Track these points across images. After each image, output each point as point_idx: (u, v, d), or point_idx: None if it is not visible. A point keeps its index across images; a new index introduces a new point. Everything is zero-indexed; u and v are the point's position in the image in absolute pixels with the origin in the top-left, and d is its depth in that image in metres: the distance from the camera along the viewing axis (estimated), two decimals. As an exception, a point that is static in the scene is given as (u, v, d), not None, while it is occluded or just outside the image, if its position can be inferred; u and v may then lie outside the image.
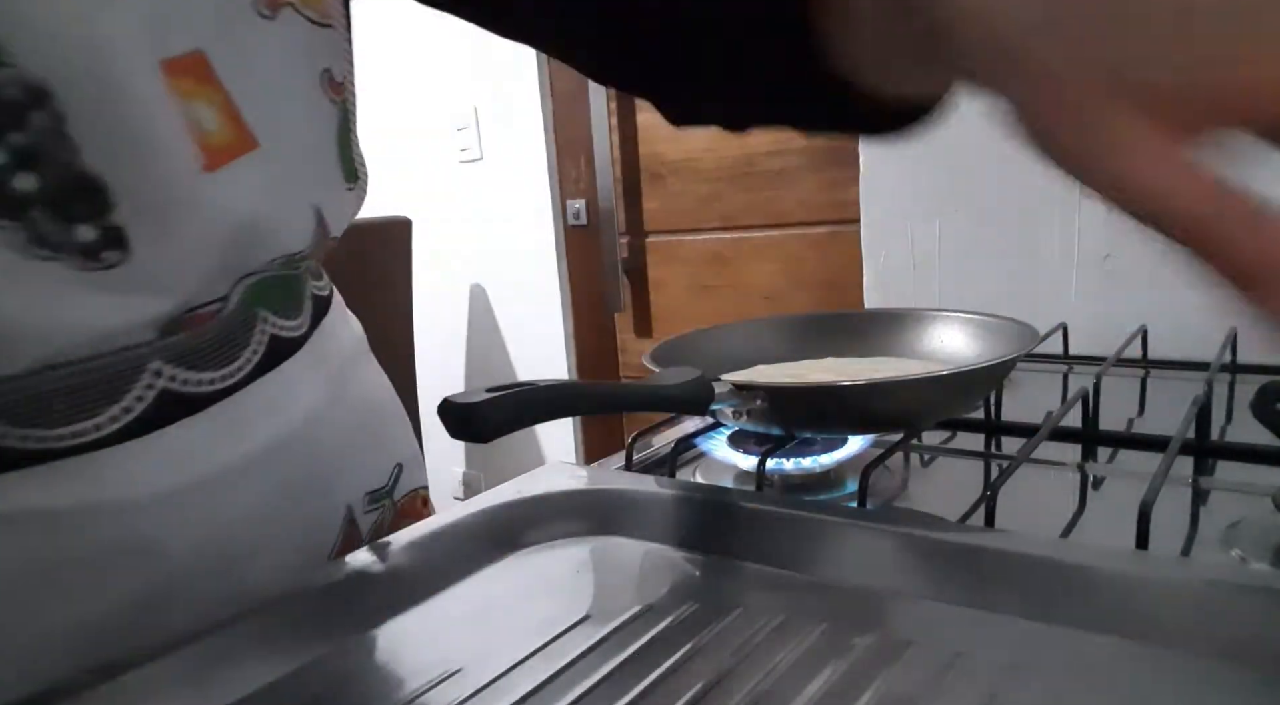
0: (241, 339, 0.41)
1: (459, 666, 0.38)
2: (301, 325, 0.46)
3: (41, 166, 0.33)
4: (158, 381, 0.38)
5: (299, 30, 0.40)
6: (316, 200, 0.43)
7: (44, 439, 0.35)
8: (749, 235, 1.60)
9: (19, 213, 0.32)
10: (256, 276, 0.41)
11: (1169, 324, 0.83)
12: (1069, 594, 0.39)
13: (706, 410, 0.52)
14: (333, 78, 0.43)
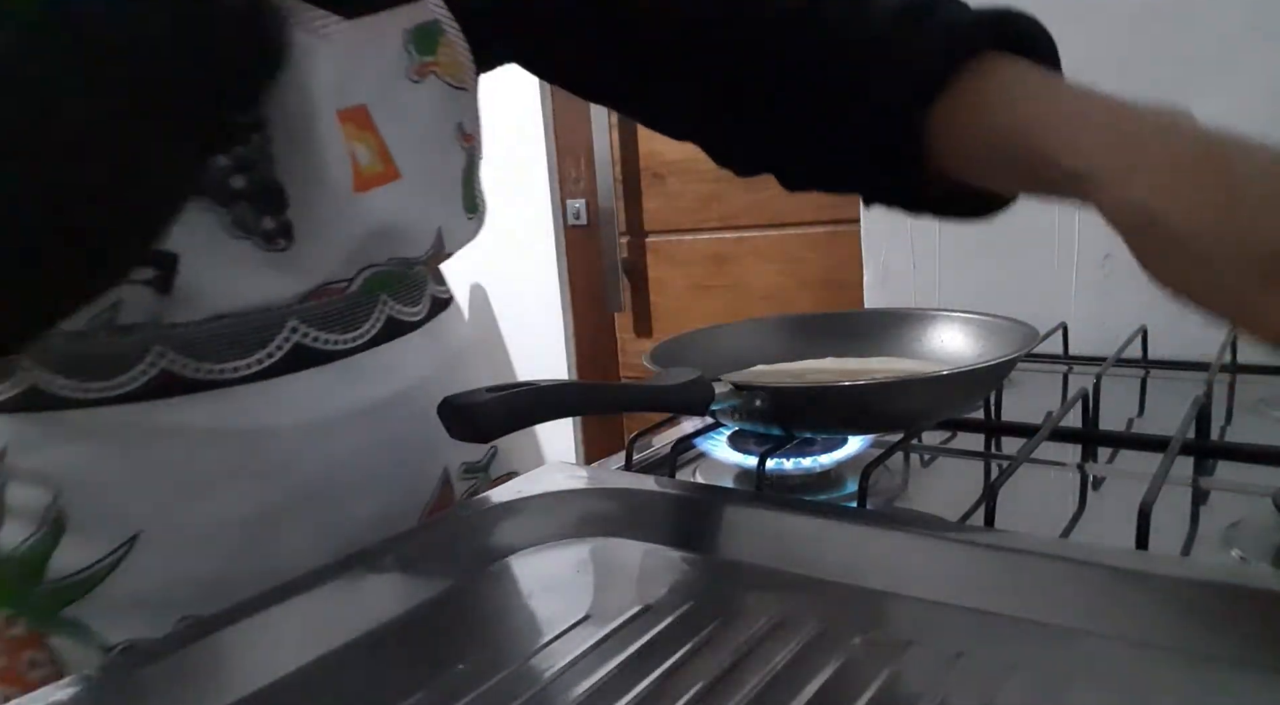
0: (364, 313, 0.52)
1: (459, 665, 0.38)
2: (420, 313, 0.56)
3: (250, 172, 0.45)
4: (294, 336, 0.49)
5: (440, 92, 0.53)
6: (440, 223, 0.54)
7: (210, 371, 0.47)
8: (749, 235, 1.60)
9: (230, 203, 0.45)
10: (376, 269, 0.52)
11: (1169, 324, 0.83)
12: (1069, 594, 0.39)
13: (706, 410, 0.52)
14: (464, 129, 0.55)
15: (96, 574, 0.48)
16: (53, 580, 0.48)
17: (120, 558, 0.48)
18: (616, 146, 1.76)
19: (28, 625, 0.49)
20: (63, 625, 0.48)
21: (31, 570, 0.48)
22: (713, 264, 1.67)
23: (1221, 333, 0.76)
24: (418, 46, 0.52)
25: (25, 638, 0.49)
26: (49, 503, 0.48)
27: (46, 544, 0.48)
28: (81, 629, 0.48)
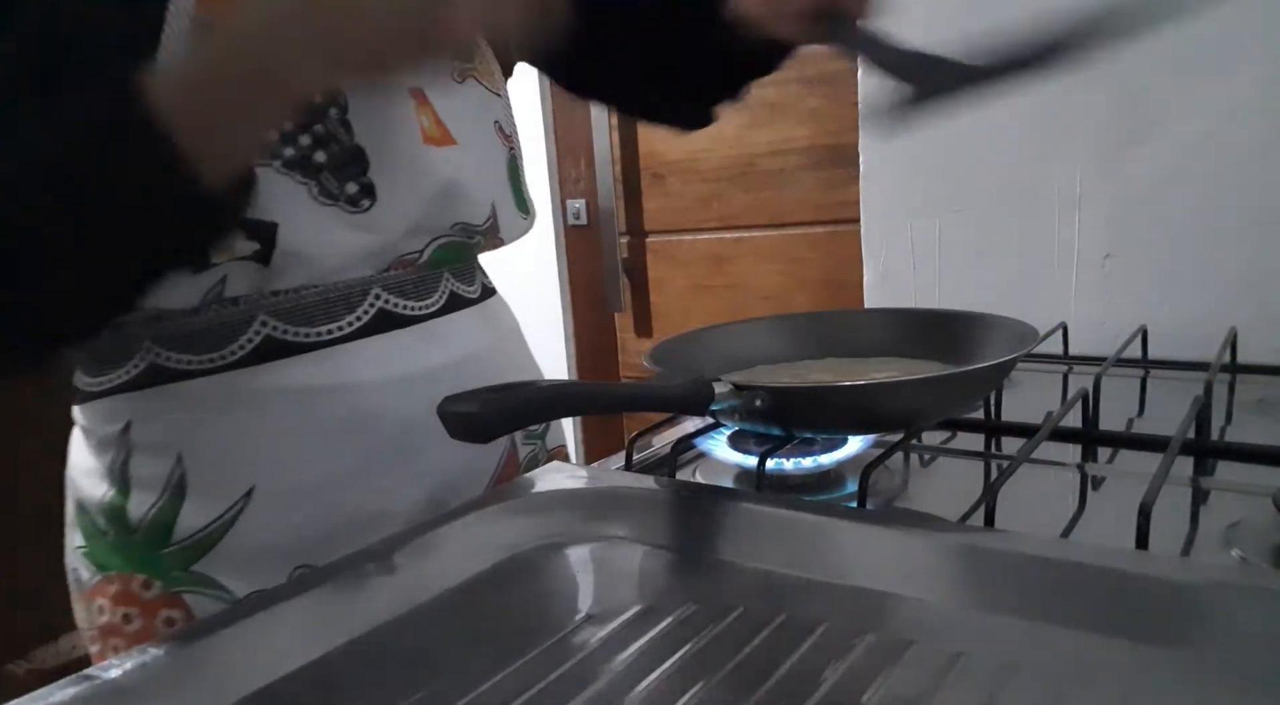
0: (432, 285, 0.60)
1: (460, 666, 0.38)
2: (475, 292, 0.64)
3: (330, 145, 0.52)
4: (377, 302, 0.56)
5: (479, 92, 0.62)
6: (493, 199, 0.61)
7: (307, 334, 0.54)
8: (749, 235, 1.60)
9: (314, 175, 0.52)
10: (442, 240, 0.59)
11: (1169, 324, 0.83)
12: (1069, 594, 0.39)
13: (707, 410, 0.52)
14: (502, 128, 0.63)
15: (218, 530, 0.54)
16: (179, 540, 0.54)
17: (239, 512, 0.54)
18: (616, 146, 1.76)
19: (163, 586, 0.54)
20: (193, 582, 0.54)
21: (160, 534, 0.54)
22: (713, 264, 1.67)
23: (1222, 333, 0.76)
24: (457, 54, 0.61)
25: (161, 598, 0.54)
26: (171, 469, 0.54)
27: (172, 507, 0.54)
28: (212, 585, 0.54)
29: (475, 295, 0.64)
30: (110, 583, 0.56)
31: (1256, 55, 0.83)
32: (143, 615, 0.55)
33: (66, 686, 0.35)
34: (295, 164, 0.51)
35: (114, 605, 0.55)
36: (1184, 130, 0.87)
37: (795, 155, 1.52)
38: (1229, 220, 0.86)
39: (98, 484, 0.56)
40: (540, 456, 0.68)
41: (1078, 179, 0.93)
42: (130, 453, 0.54)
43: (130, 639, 0.55)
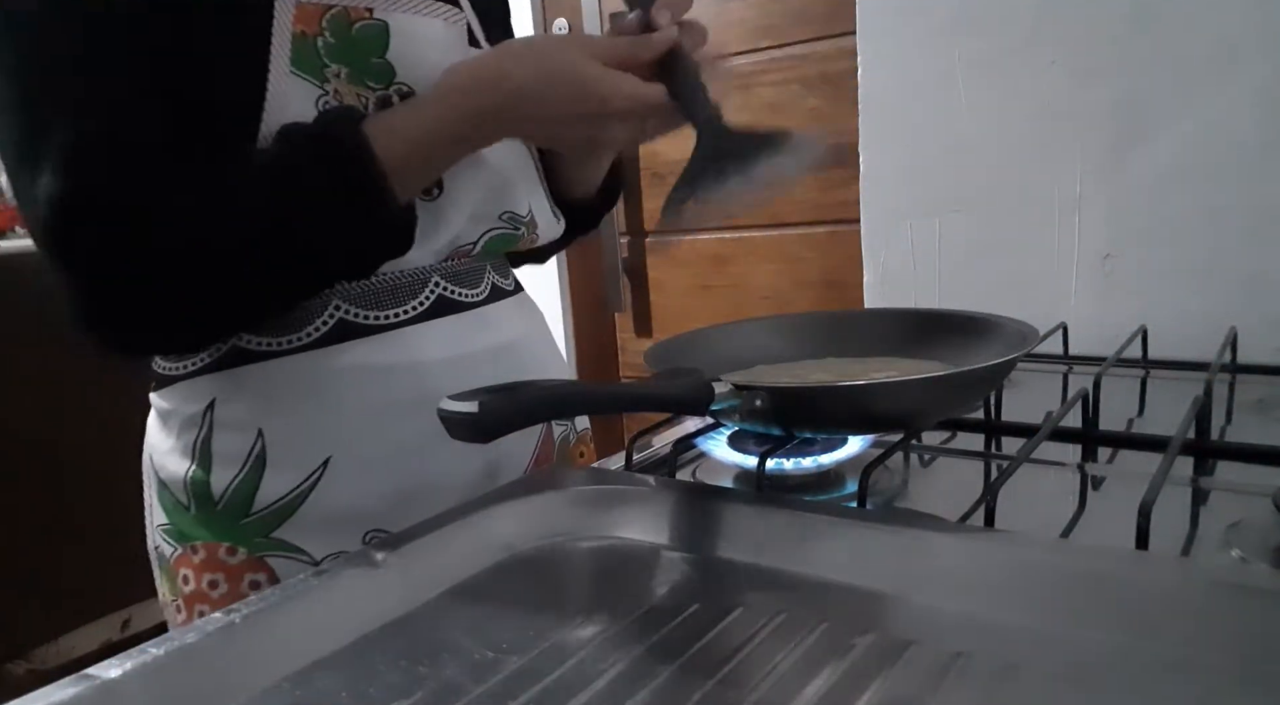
0: (479, 275, 0.67)
1: (460, 666, 0.38)
2: (510, 285, 0.72)
3: None
4: (437, 288, 0.64)
5: None
6: (529, 197, 0.69)
7: (376, 317, 0.61)
8: (749, 235, 1.60)
9: None
10: (493, 231, 0.66)
11: (1169, 324, 0.83)
12: (1069, 594, 0.39)
13: (707, 410, 0.52)
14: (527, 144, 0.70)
15: (297, 498, 0.60)
16: (260, 509, 0.60)
17: (316, 481, 0.59)
18: (616, 146, 1.76)
19: (247, 552, 0.60)
20: (275, 547, 0.60)
21: (242, 504, 0.60)
22: (713, 264, 1.67)
23: (1222, 333, 0.76)
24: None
25: (246, 562, 0.60)
26: (252, 444, 0.59)
27: (253, 479, 0.60)
28: (293, 549, 0.60)
29: (511, 288, 0.72)
30: (195, 553, 0.61)
31: (1256, 55, 0.83)
32: (228, 579, 0.60)
33: (66, 686, 0.35)
34: None
35: (199, 572, 0.61)
36: (1184, 130, 0.87)
37: (795, 155, 1.51)
38: (1229, 220, 0.86)
39: (180, 461, 0.61)
40: (572, 437, 0.74)
41: (1078, 179, 0.93)
42: (213, 430, 0.60)
43: (216, 603, 0.60)
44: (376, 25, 0.59)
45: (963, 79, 0.98)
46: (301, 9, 0.57)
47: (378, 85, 0.59)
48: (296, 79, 0.57)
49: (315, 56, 0.57)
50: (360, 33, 0.58)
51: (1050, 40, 0.92)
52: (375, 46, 0.59)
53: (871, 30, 1.03)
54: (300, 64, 0.57)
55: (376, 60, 0.59)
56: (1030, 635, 0.38)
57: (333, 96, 0.58)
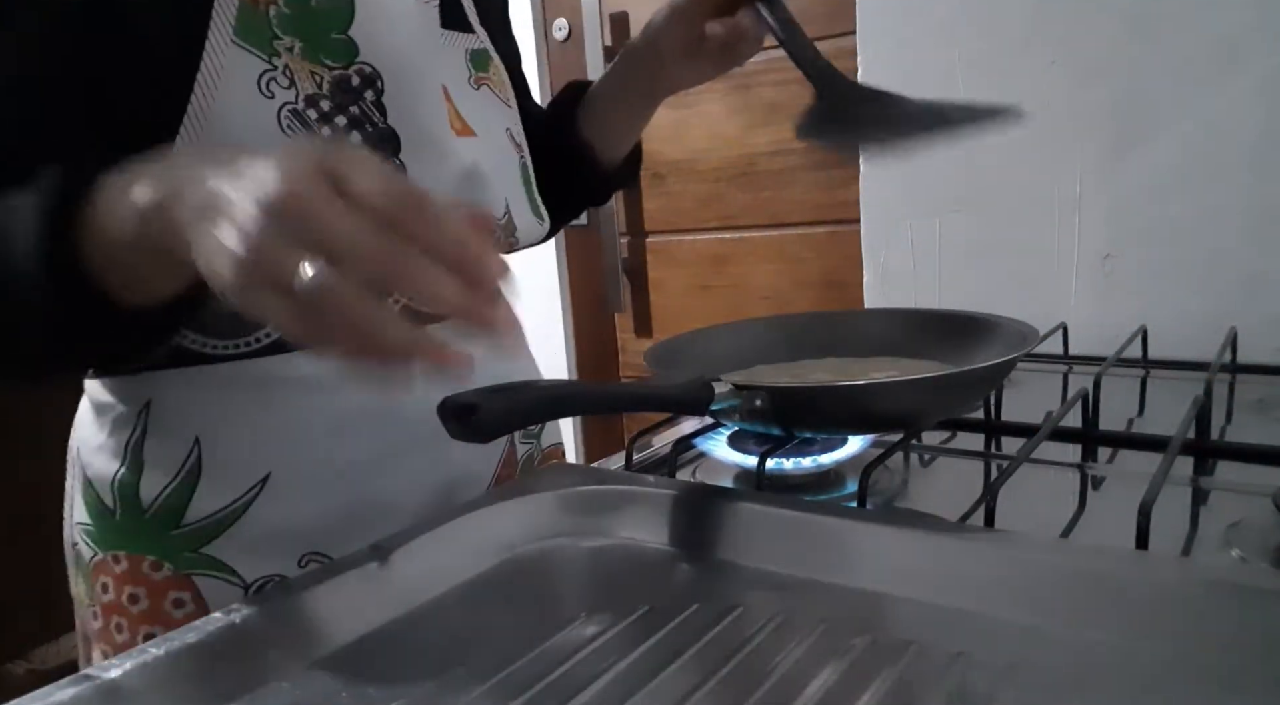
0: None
1: (460, 666, 0.38)
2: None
3: (364, 126, 0.55)
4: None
5: (493, 100, 0.67)
6: (507, 195, 0.65)
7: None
8: (749, 235, 1.60)
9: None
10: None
11: (1169, 324, 0.83)
12: (1069, 594, 0.39)
13: (707, 411, 0.52)
14: (513, 135, 0.68)
15: (231, 514, 0.55)
16: (191, 522, 0.55)
17: (253, 498, 0.55)
18: (616, 146, 1.76)
19: (173, 568, 0.55)
20: (203, 564, 0.55)
21: (172, 515, 0.55)
22: (713, 264, 1.66)
23: (1222, 333, 0.76)
24: (474, 64, 0.65)
25: (171, 579, 0.55)
26: (187, 452, 0.55)
27: (185, 491, 0.55)
28: (222, 568, 0.55)
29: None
30: (116, 562, 0.57)
31: (1256, 55, 0.83)
32: (150, 595, 0.56)
33: (66, 686, 0.35)
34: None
35: (120, 584, 0.56)
36: (1184, 130, 0.87)
37: (795, 155, 1.51)
38: (1229, 220, 0.86)
39: (109, 461, 0.57)
40: (536, 455, 0.69)
41: (1078, 179, 0.93)
42: (146, 432, 0.55)
43: (136, 619, 0.56)
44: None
45: (963, 79, 0.98)
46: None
47: (335, 63, 0.54)
48: (239, 50, 0.51)
49: (266, 27, 0.52)
50: (322, 4, 0.54)
51: (1050, 40, 0.92)
52: (337, 21, 0.54)
53: (871, 30, 1.03)
54: (246, 34, 0.51)
55: (337, 36, 0.54)
56: (1030, 635, 0.38)
57: (281, 72, 0.52)
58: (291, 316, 0.34)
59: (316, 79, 0.54)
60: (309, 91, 0.54)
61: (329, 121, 0.54)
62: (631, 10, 1.59)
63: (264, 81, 0.52)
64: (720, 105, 1.52)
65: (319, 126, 0.54)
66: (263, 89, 0.52)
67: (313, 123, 0.54)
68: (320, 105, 0.54)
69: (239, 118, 0.51)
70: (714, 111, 1.53)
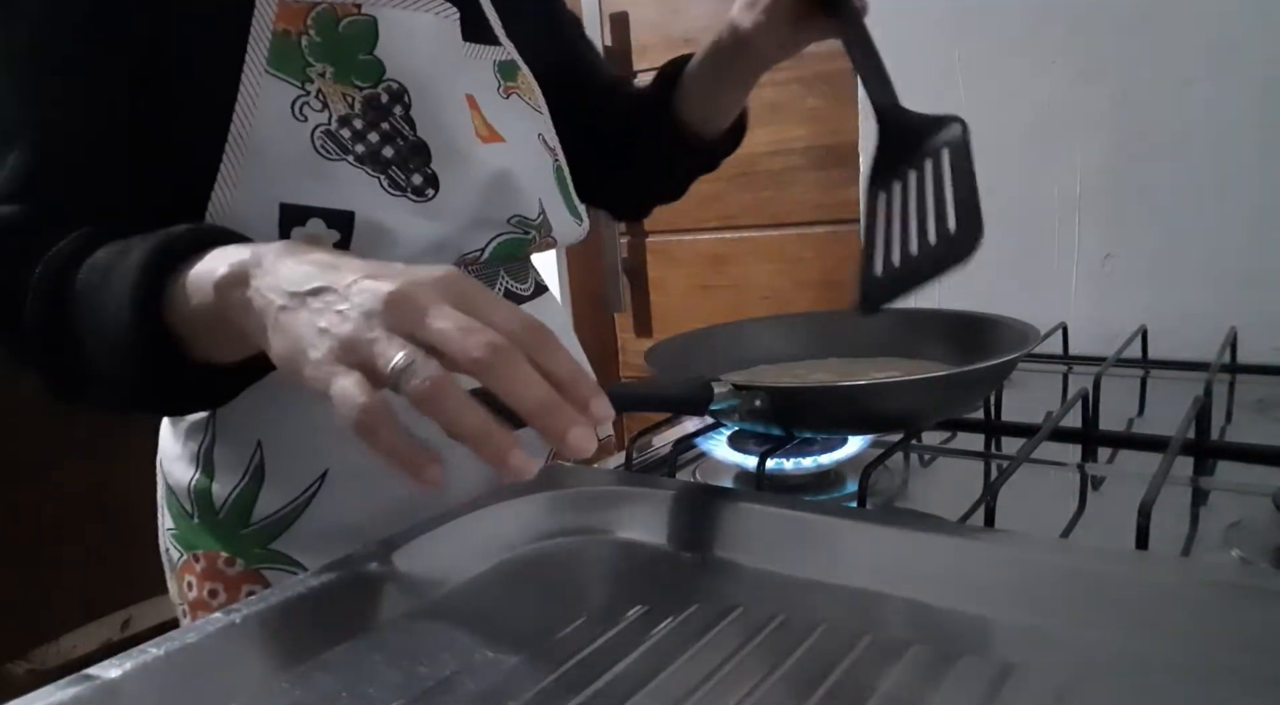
0: (490, 283, 0.64)
1: (460, 666, 0.38)
2: (529, 289, 0.69)
3: (396, 140, 0.58)
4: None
5: (523, 107, 0.69)
6: (540, 196, 0.66)
7: None
8: (749, 235, 1.60)
9: (384, 168, 0.57)
10: (502, 236, 0.63)
11: (1169, 324, 0.83)
12: (1069, 594, 0.39)
13: (706, 410, 0.52)
14: (545, 140, 0.70)
15: (294, 510, 0.59)
16: (259, 520, 0.59)
17: (313, 494, 0.59)
18: (616, 146, 1.75)
19: (245, 563, 0.60)
20: (271, 558, 0.59)
21: (241, 515, 0.60)
22: (713, 264, 1.66)
23: (1222, 333, 0.76)
24: (503, 74, 0.67)
25: (244, 574, 0.60)
26: (251, 454, 0.59)
27: (252, 490, 0.59)
28: (288, 561, 0.59)
29: (528, 293, 0.69)
30: (197, 561, 0.62)
31: (1256, 55, 0.83)
32: (227, 590, 0.61)
33: (66, 686, 0.35)
34: (366, 159, 0.57)
35: (201, 581, 0.62)
36: (1184, 130, 0.87)
37: (795, 155, 1.51)
38: (1229, 220, 0.86)
39: (185, 468, 0.61)
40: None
41: (1078, 179, 0.93)
42: (215, 438, 0.60)
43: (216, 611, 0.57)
44: (365, 20, 0.58)
45: (963, 79, 0.98)
46: (285, 7, 0.56)
47: (364, 83, 0.58)
48: (273, 80, 0.55)
49: (298, 56, 0.56)
50: (347, 29, 0.57)
51: (1050, 40, 0.92)
52: (363, 43, 0.58)
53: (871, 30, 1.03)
54: (279, 64, 0.55)
55: (364, 57, 0.58)
56: (1030, 635, 0.38)
57: (314, 97, 0.56)
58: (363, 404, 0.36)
59: (348, 100, 0.57)
60: (341, 112, 0.57)
61: (363, 138, 0.57)
62: (631, 10, 1.59)
63: (297, 106, 0.55)
64: (720, 105, 1.52)
65: (354, 144, 0.57)
66: (296, 113, 0.55)
67: (347, 141, 0.57)
68: (353, 124, 0.57)
69: (275, 142, 0.55)
70: (714, 111, 1.53)
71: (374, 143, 0.58)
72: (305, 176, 0.55)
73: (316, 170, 0.56)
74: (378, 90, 0.58)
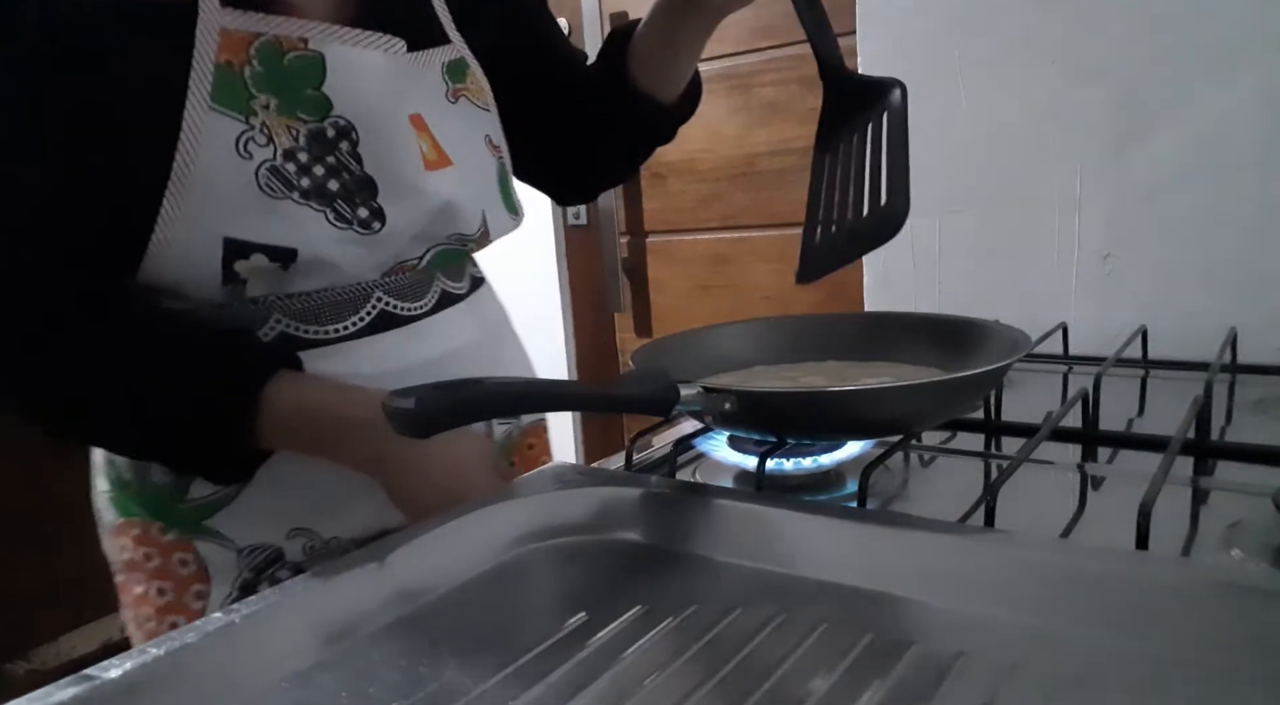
0: (425, 286, 0.66)
1: (460, 666, 0.38)
2: (464, 287, 0.71)
3: (342, 174, 0.59)
4: (379, 304, 0.63)
5: (470, 110, 0.68)
6: (484, 207, 0.68)
7: (317, 332, 0.61)
8: (749, 235, 1.60)
9: (329, 202, 0.58)
10: (439, 247, 0.66)
11: (1169, 324, 0.83)
12: (1069, 594, 0.39)
13: (669, 412, 0.52)
14: (491, 140, 0.70)
15: (228, 495, 0.62)
16: (193, 500, 0.62)
17: (246, 484, 0.61)
18: (616, 146, 1.75)
19: (177, 533, 0.63)
20: (203, 532, 0.63)
21: (176, 494, 0.63)
22: (713, 264, 1.67)
23: (1222, 333, 0.76)
24: (451, 76, 0.67)
25: (175, 542, 0.64)
26: None
27: (188, 476, 0.62)
28: (218, 536, 0.63)
29: (463, 291, 0.70)
30: (132, 526, 0.65)
31: (1256, 55, 0.83)
32: (160, 554, 0.64)
33: (66, 686, 0.35)
34: (312, 193, 0.58)
35: (136, 545, 0.65)
36: (1184, 130, 0.87)
37: (795, 155, 1.51)
38: (1229, 220, 0.86)
39: None
40: (514, 433, 0.74)
41: (1078, 179, 0.93)
42: None
43: (150, 573, 0.65)
44: (312, 56, 0.57)
45: (963, 79, 0.98)
46: (228, 37, 0.55)
47: (310, 117, 0.57)
48: (216, 115, 0.54)
49: (241, 88, 0.55)
50: (293, 63, 0.57)
51: (1050, 40, 0.92)
52: (310, 78, 0.57)
53: (871, 30, 1.03)
54: (222, 98, 0.55)
55: (311, 92, 0.57)
56: (1030, 635, 0.38)
57: (258, 131, 0.56)
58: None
59: (293, 133, 0.57)
60: (286, 146, 0.57)
61: (308, 172, 0.57)
62: (631, 10, 1.59)
63: (242, 142, 0.55)
64: (720, 105, 1.52)
65: (299, 179, 0.57)
66: (240, 150, 0.55)
67: (291, 176, 0.57)
68: (298, 157, 0.57)
69: (219, 180, 0.55)
70: (714, 111, 1.53)
71: (319, 176, 0.58)
72: (249, 213, 0.56)
73: (261, 206, 0.56)
74: (324, 125, 0.58)
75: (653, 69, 0.72)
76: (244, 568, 0.63)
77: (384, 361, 0.63)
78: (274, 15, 0.56)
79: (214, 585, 0.63)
